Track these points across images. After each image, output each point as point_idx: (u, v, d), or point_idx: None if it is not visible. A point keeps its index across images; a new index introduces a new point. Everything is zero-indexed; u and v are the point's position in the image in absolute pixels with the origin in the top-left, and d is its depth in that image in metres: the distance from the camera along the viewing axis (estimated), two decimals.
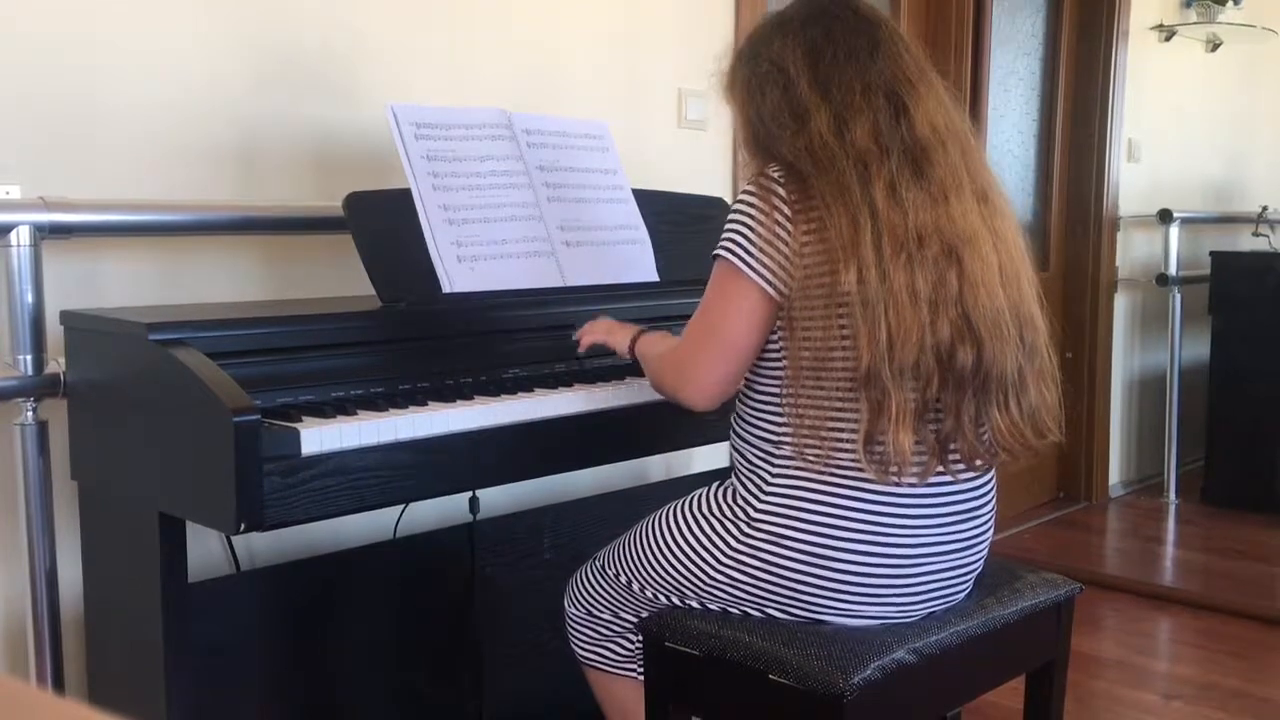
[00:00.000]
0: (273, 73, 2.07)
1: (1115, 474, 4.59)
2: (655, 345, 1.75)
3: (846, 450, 1.51)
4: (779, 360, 1.55)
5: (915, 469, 1.51)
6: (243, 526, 1.41)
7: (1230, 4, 4.55)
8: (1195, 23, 4.58)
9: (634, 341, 1.79)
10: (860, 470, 1.50)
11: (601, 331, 1.87)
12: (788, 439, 1.55)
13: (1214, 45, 4.80)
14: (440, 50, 2.30)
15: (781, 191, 1.52)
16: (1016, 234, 1.59)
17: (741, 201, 1.55)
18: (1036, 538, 4.03)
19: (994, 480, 1.66)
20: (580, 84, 2.56)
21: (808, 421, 1.52)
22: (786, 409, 1.54)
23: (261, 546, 2.05)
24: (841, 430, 1.51)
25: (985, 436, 1.54)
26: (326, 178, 2.12)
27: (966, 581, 1.66)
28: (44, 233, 1.73)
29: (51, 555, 1.77)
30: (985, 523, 1.64)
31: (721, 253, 1.55)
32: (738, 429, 1.65)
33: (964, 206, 1.51)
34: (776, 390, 1.56)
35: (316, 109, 2.13)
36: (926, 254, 1.46)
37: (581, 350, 1.88)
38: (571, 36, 2.54)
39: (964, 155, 1.55)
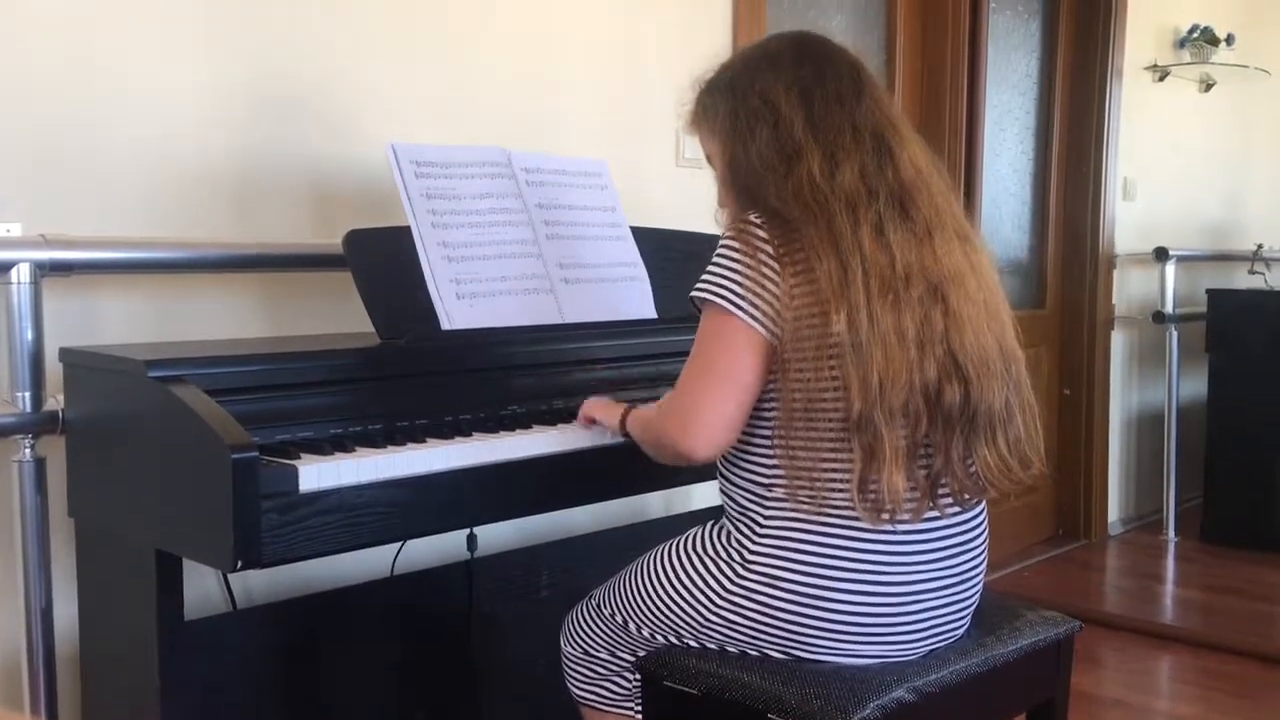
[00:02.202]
0: (273, 111, 2.08)
1: (1114, 511, 4.58)
2: (645, 413, 1.71)
3: (839, 491, 1.50)
4: (770, 404, 1.55)
5: (908, 510, 1.51)
6: (240, 564, 1.41)
7: (1223, 45, 4.60)
8: (1189, 63, 4.63)
9: (624, 418, 1.74)
10: (854, 511, 1.50)
11: (598, 410, 1.81)
12: (779, 482, 1.54)
13: (1208, 85, 4.84)
14: (440, 88, 2.32)
15: (763, 234, 1.51)
16: (993, 269, 1.61)
17: (725, 248, 1.53)
18: (1036, 575, 4.01)
19: (985, 512, 1.66)
20: (579, 122, 2.58)
21: (800, 465, 1.52)
22: (779, 453, 1.54)
23: (258, 584, 2.05)
24: (834, 473, 1.51)
25: (974, 473, 1.54)
26: (326, 215, 2.14)
27: (965, 616, 1.65)
28: (44, 270, 1.73)
29: (47, 592, 1.76)
30: (979, 556, 1.64)
31: (711, 299, 1.52)
32: (725, 473, 1.64)
33: (948, 245, 1.52)
34: (767, 433, 1.56)
35: (316, 147, 2.14)
36: (912, 294, 1.47)
37: (580, 424, 1.81)
38: (570, 75, 2.56)
39: (943, 195, 1.57)
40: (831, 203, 1.49)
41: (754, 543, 1.56)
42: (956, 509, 1.57)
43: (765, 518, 1.56)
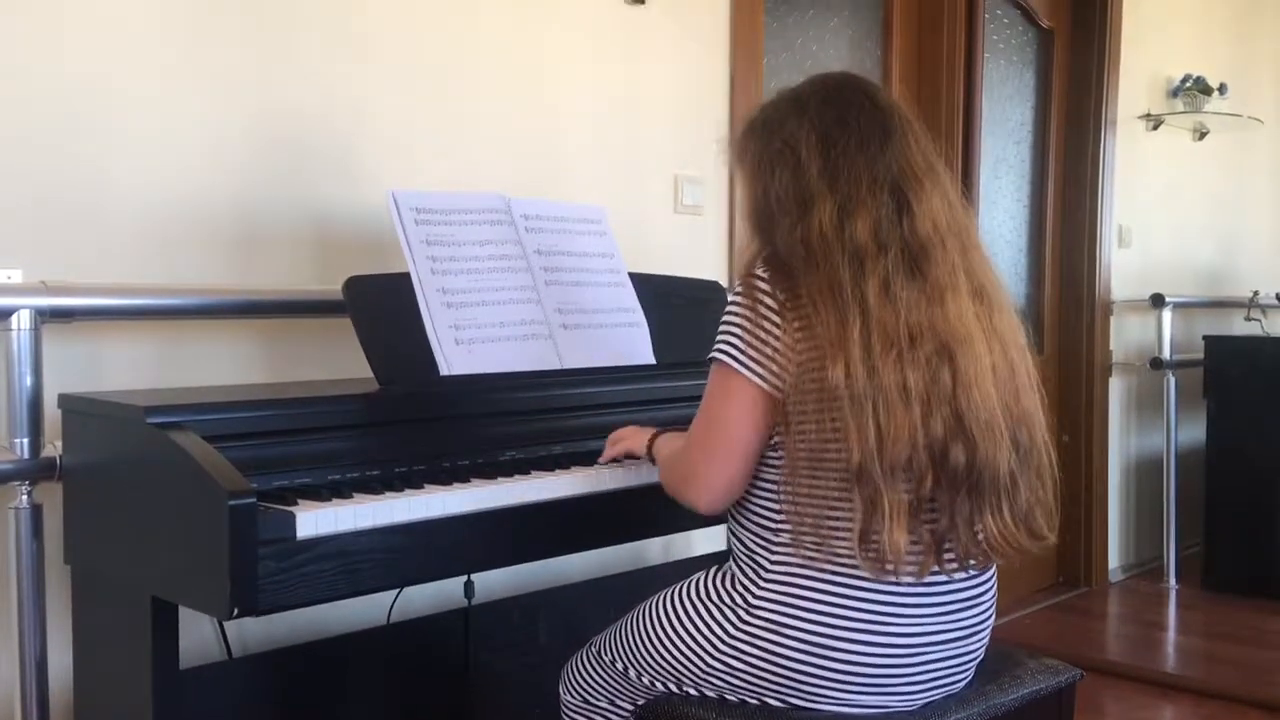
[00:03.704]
0: (274, 157, 2.10)
1: (1115, 558, 4.56)
2: (669, 444, 1.74)
3: (843, 540, 1.50)
4: (777, 452, 1.55)
5: (911, 567, 1.50)
6: (236, 611, 1.40)
7: (1216, 94, 4.64)
8: (1182, 112, 4.67)
9: (651, 441, 1.79)
10: (858, 561, 1.49)
11: (621, 440, 1.85)
12: (785, 527, 1.54)
13: (1201, 134, 4.88)
14: (441, 136, 2.34)
15: (766, 287, 1.52)
16: (1016, 330, 1.58)
17: (731, 304, 1.56)
18: (1037, 623, 3.99)
19: (994, 568, 1.65)
20: (579, 170, 2.60)
21: (806, 514, 1.52)
22: (784, 501, 1.54)
23: (254, 632, 2.03)
24: (838, 523, 1.50)
25: (980, 537, 1.52)
26: (326, 261, 2.14)
27: (967, 671, 1.64)
28: (45, 316, 1.74)
29: (42, 641, 1.75)
30: (986, 611, 1.63)
31: (717, 355, 1.55)
32: (735, 515, 1.64)
33: (960, 306, 1.50)
34: (775, 479, 1.56)
35: (317, 193, 2.15)
36: (919, 352, 1.46)
37: (601, 462, 1.85)
38: (570, 123, 2.59)
39: (964, 253, 1.55)
40: (836, 254, 1.49)
41: (759, 588, 1.55)
42: (960, 570, 1.55)
43: (771, 562, 1.55)
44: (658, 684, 1.67)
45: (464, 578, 2.09)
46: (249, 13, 2.06)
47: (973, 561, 1.55)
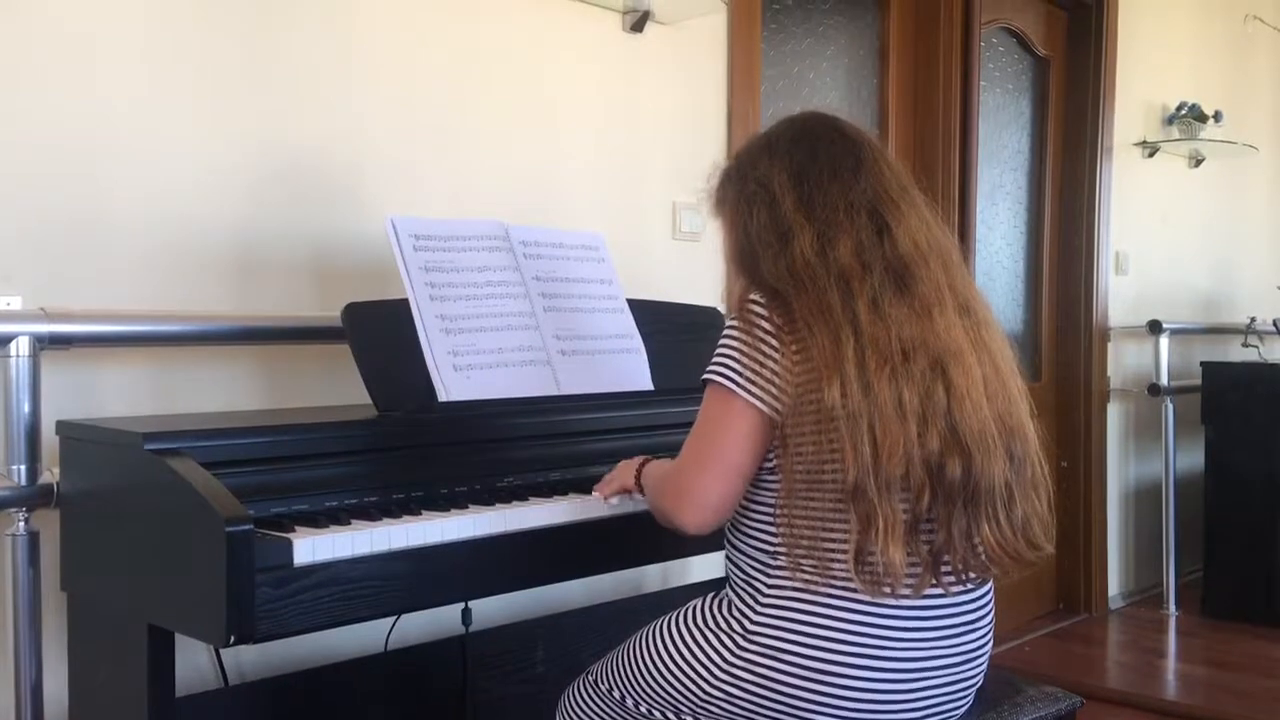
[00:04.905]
0: (273, 184, 2.11)
1: (1114, 585, 4.55)
2: (656, 471, 1.74)
3: (840, 563, 1.50)
4: (774, 475, 1.56)
5: (908, 584, 1.50)
6: (233, 639, 1.39)
7: (1211, 122, 4.67)
8: (1177, 139, 4.69)
9: (640, 471, 1.78)
10: (855, 582, 1.49)
11: (614, 480, 1.83)
12: (783, 551, 1.54)
13: (1197, 161, 4.90)
14: (441, 163, 2.35)
15: (764, 311, 1.54)
16: (1003, 344, 1.60)
17: (727, 331, 1.57)
18: (1037, 650, 3.98)
19: (992, 592, 1.65)
20: (578, 196, 2.61)
21: (803, 536, 1.52)
22: (781, 523, 1.54)
23: (250, 659, 2.02)
24: (835, 544, 1.50)
25: (979, 550, 1.53)
26: (325, 288, 2.15)
27: (967, 696, 1.63)
28: (44, 343, 1.74)
29: (38, 668, 1.74)
30: (984, 635, 1.63)
31: (713, 377, 1.56)
32: (732, 539, 1.64)
33: (947, 320, 1.52)
34: (771, 502, 1.56)
35: (317, 219, 2.16)
36: (912, 368, 1.48)
37: (605, 503, 1.83)
38: (570, 150, 2.60)
39: (946, 270, 1.57)
40: (822, 277, 1.51)
41: (756, 613, 1.55)
42: (959, 586, 1.56)
43: (769, 586, 1.55)
44: (656, 712, 1.66)
45: (461, 605, 2.09)
46: (248, 39, 2.07)
47: (971, 575, 1.55)
